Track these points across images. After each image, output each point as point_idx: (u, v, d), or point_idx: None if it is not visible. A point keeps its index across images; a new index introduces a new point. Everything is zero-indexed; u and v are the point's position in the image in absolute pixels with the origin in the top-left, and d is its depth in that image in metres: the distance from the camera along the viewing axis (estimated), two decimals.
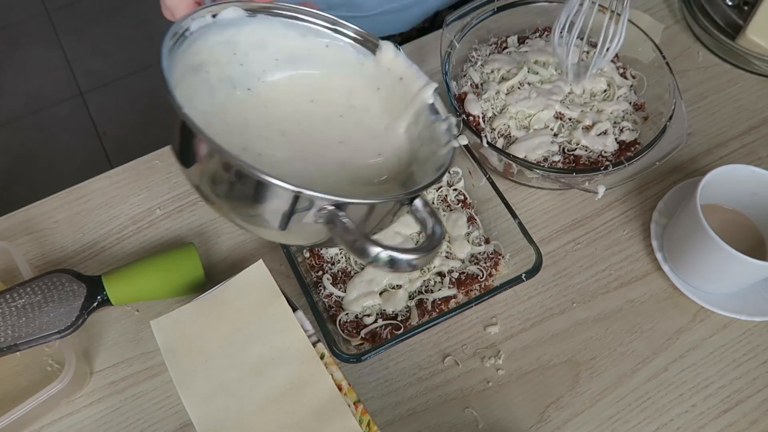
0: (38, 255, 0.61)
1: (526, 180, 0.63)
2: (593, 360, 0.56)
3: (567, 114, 0.63)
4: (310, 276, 0.56)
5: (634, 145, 0.62)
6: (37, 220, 0.63)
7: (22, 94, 1.85)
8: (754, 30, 0.69)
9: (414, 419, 0.53)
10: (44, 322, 0.50)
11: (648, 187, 0.65)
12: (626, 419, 0.53)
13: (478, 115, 0.63)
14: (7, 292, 0.51)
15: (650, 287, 0.59)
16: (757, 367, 0.56)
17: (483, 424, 0.53)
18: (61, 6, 2.01)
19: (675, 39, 0.76)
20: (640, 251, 0.61)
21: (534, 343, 0.57)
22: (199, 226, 0.63)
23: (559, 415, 0.54)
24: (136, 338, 0.57)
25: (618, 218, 0.63)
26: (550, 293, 0.59)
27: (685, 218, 0.56)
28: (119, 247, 0.62)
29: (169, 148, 0.67)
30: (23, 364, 0.55)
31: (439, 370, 0.55)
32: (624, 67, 0.67)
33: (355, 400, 0.45)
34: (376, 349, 0.50)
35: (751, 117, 0.70)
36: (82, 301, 0.52)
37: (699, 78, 0.73)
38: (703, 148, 0.68)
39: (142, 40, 1.95)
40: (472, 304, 0.51)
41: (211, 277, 0.60)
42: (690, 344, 0.57)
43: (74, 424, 0.53)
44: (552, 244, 0.62)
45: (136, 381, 0.55)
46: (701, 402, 0.54)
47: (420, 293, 0.55)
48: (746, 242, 0.58)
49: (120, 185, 0.65)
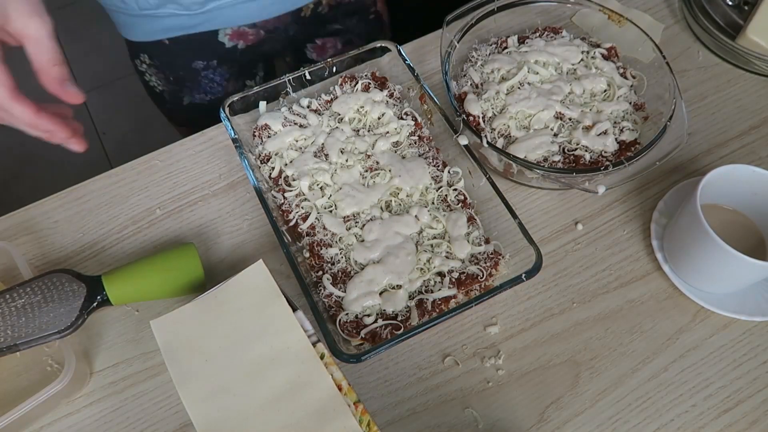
0: (38, 255, 0.61)
1: (526, 180, 0.63)
2: (593, 360, 0.56)
3: (567, 114, 0.63)
4: (310, 276, 0.56)
5: (634, 145, 0.62)
6: (37, 220, 0.63)
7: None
8: (754, 30, 0.69)
9: (414, 419, 0.53)
10: (44, 322, 0.50)
11: (648, 187, 0.65)
12: (626, 419, 0.53)
13: (478, 115, 0.63)
14: (7, 292, 0.51)
15: (650, 287, 0.59)
16: (757, 367, 0.56)
17: (483, 424, 0.53)
18: (61, 6, 2.01)
19: (675, 39, 0.76)
20: (640, 251, 0.61)
21: (534, 343, 0.57)
22: (199, 226, 0.63)
23: (559, 415, 0.54)
24: (136, 338, 0.57)
25: (618, 218, 0.63)
26: (550, 293, 0.59)
27: (685, 218, 0.56)
28: (119, 247, 0.62)
29: (169, 148, 0.68)
30: (23, 364, 0.55)
31: (439, 370, 0.55)
32: (624, 67, 0.67)
33: (355, 400, 0.45)
34: (376, 349, 0.50)
35: (751, 117, 0.70)
36: (81, 301, 0.52)
37: (699, 78, 0.73)
38: (703, 148, 0.68)
39: None
40: (472, 304, 0.51)
41: (211, 277, 0.60)
42: (690, 344, 0.57)
43: (74, 424, 0.53)
44: (552, 244, 0.62)
45: (136, 381, 0.55)
46: (701, 402, 0.54)
47: (420, 293, 0.55)
48: (746, 242, 0.58)
49: (120, 185, 0.65)
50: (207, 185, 0.65)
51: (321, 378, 0.46)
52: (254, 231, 0.62)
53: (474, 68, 0.67)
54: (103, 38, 1.94)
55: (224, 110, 0.61)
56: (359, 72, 0.67)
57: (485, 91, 0.64)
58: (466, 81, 0.66)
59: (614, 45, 0.68)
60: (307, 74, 0.65)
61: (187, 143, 0.68)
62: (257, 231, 0.62)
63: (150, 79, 0.86)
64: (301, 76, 0.64)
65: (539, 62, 0.66)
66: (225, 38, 0.79)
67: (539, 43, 0.68)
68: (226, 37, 0.79)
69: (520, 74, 0.65)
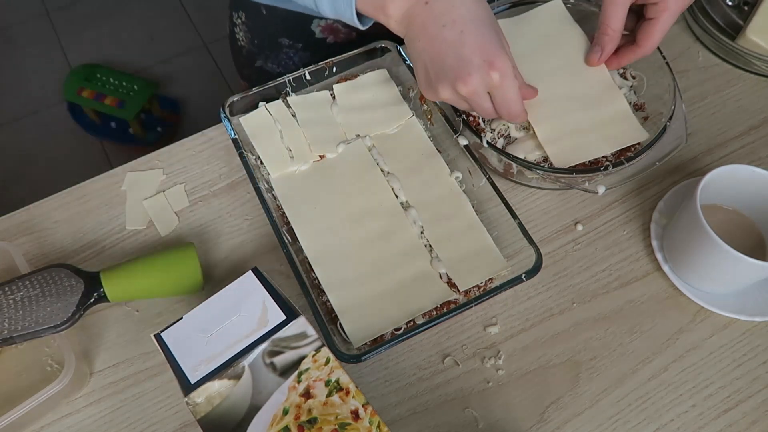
0: (38, 255, 0.61)
1: (526, 180, 0.63)
2: (593, 360, 0.56)
3: None
4: (311, 276, 0.56)
5: (634, 146, 0.62)
6: (37, 220, 0.63)
7: (22, 94, 1.85)
8: (754, 30, 0.69)
9: (414, 419, 0.53)
10: (41, 316, 0.50)
11: (648, 187, 0.65)
12: (626, 419, 0.53)
13: (477, 115, 0.63)
14: (6, 285, 0.51)
15: (650, 287, 0.59)
16: (757, 367, 0.56)
17: (483, 424, 0.53)
18: (61, 6, 2.01)
19: (675, 39, 0.76)
20: (640, 251, 0.61)
21: (534, 344, 0.57)
22: (199, 226, 0.63)
23: (559, 415, 0.54)
24: (136, 338, 0.57)
25: (618, 218, 0.63)
26: (550, 293, 0.59)
27: (685, 218, 0.56)
28: (119, 247, 0.62)
29: (169, 148, 0.68)
30: (23, 364, 0.55)
31: (439, 370, 0.55)
32: (624, 68, 0.67)
33: (364, 402, 0.45)
34: (376, 349, 0.50)
35: (751, 117, 0.70)
36: (79, 296, 0.52)
37: (699, 78, 0.73)
38: (703, 148, 0.68)
39: (142, 40, 1.95)
40: (472, 304, 0.51)
41: (211, 277, 0.60)
42: (690, 344, 0.57)
43: (74, 424, 0.53)
44: (552, 244, 0.62)
45: (136, 381, 0.55)
46: (701, 402, 0.54)
47: None
48: (746, 242, 0.58)
49: (120, 185, 0.65)
50: (207, 185, 0.65)
51: (405, 229, 0.57)
52: (254, 231, 0.62)
53: None
54: (103, 38, 1.94)
55: (224, 110, 0.61)
56: (359, 72, 0.67)
57: None
58: None
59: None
60: (307, 74, 0.65)
61: (187, 143, 0.68)
62: (257, 231, 0.62)
63: (238, 33, 0.88)
64: (301, 76, 0.64)
65: None
66: (317, 29, 0.80)
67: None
68: (318, 28, 0.80)
69: None
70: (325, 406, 0.45)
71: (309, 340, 0.47)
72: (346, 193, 0.59)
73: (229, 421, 0.44)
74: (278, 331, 0.47)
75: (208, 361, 0.46)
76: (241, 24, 0.86)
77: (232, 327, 0.48)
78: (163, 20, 1.99)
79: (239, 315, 0.48)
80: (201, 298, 0.50)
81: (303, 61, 0.85)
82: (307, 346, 0.47)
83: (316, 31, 0.80)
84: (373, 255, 0.56)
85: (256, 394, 0.45)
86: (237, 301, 0.49)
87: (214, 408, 0.45)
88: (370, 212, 0.58)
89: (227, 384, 0.45)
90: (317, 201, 0.59)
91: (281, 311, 0.48)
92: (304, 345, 0.47)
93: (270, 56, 0.86)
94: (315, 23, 0.79)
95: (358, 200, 0.59)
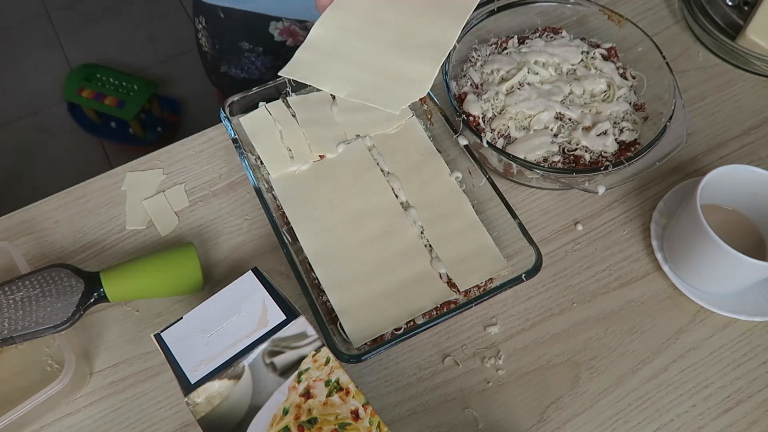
0: (38, 255, 0.61)
1: (526, 180, 0.63)
2: (593, 360, 0.56)
3: (567, 114, 0.63)
4: (310, 276, 0.56)
5: (634, 146, 0.62)
6: (37, 220, 0.63)
7: (22, 94, 1.85)
8: (754, 30, 0.69)
9: (414, 419, 0.53)
10: (41, 316, 0.50)
11: (648, 187, 0.65)
12: (626, 419, 0.53)
13: (478, 115, 0.63)
14: (6, 285, 0.51)
15: (650, 287, 0.59)
16: (757, 367, 0.56)
17: (483, 424, 0.53)
18: (61, 6, 2.01)
19: (675, 39, 0.76)
20: (640, 251, 0.61)
21: (534, 344, 0.57)
22: (199, 226, 0.63)
23: (559, 415, 0.54)
24: (136, 338, 0.57)
25: (618, 218, 0.63)
26: (550, 293, 0.59)
27: (685, 218, 0.56)
28: (119, 247, 0.62)
29: (169, 148, 0.68)
30: (23, 364, 0.55)
31: (439, 370, 0.55)
32: (624, 68, 0.67)
33: (364, 402, 0.45)
34: (376, 349, 0.50)
35: (751, 117, 0.70)
36: (79, 296, 0.52)
37: (699, 78, 0.73)
38: (703, 148, 0.68)
39: (142, 40, 1.95)
40: (472, 304, 0.51)
41: (211, 277, 0.60)
42: (690, 344, 0.57)
43: (74, 424, 0.53)
44: (552, 244, 0.62)
45: (136, 381, 0.55)
46: (701, 402, 0.54)
47: None
48: (746, 242, 0.58)
49: (120, 185, 0.65)
50: (207, 185, 0.65)
51: (405, 228, 0.57)
52: (254, 231, 0.62)
53: (474, 69, 0.67)
54: (103, 38, 1.94)
55: (224, 110, 0.61)
56: None
57: (485, 92, 0.64)
58: (465, 81, 0.66)
59: (614, 45, 0.68)
60: None
61: (187, 143, 0.68)
62: (257, 231, 0.62)
63: (201, 38, 0.89)
64: None
65: (539, 63, 0.66)
66: (275, 32, 0.80)
67: (539, 43, 0.68)
68: (276, 30, 0.80)
69: (519, 75, 0.65)
70: (325, 406, 0.45)
71: (309, 340, 0.47)
72: (346, 193, 0.59)
73: (229, 421, 0.44)
74: (278, 331, 0.47)
75: (208, 361, 0.46)
76: (203, 29, 0.87)
77: (232, 327, 0.48)
78: (163, 20, 1.99)
79: (239, 315, 0.48)
80: (201, 298, 0.50)
81: (265, 65, 0.85)
82: (307, 346, 0.47)
83: (274, 34, 0.80)
84: (373, 255, 0.56)
85: (256, 394, 0.45)
86: (237, 301, 0.49)
87: (214, 408, 0.45)
88: (370, 212, 0.58)
89: (227, 384, 0.45)
90: (317, 201, 0.59)
91: (281, 311, 0.48)
92: (304, 345, 0.47)
93: (233, 61, 0.86)
94: (272, 26, 0.80)
95: (358, 200, 0.59)
